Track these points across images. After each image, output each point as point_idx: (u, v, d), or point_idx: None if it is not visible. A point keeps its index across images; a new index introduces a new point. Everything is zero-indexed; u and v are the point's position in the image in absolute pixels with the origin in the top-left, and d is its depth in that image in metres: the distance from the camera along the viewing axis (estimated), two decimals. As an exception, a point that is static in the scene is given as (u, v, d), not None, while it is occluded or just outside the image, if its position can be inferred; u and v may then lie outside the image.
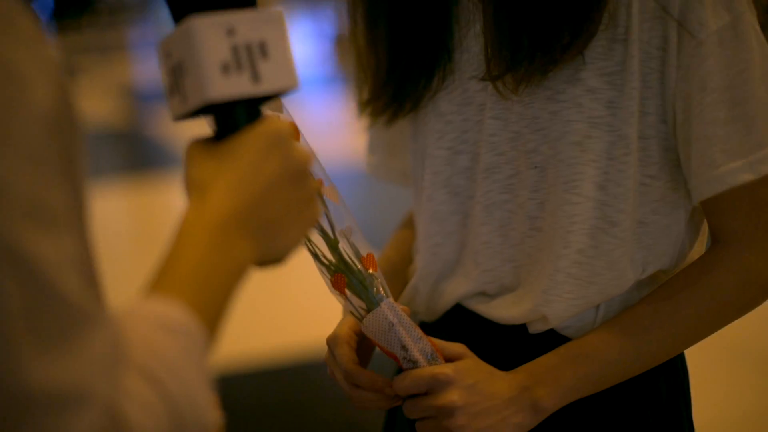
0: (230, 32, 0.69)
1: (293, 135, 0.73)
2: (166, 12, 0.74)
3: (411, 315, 1.03)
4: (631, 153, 0.98)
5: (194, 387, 0.60)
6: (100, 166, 6.40)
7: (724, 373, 3.04)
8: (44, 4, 13.53)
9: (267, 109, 0.79)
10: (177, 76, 0.70)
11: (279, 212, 0.70)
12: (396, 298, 1.18)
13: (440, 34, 1.08)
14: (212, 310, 0.65)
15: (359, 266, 0.98)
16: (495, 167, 1.05)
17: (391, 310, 0.98)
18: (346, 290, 0.98)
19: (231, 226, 0.67)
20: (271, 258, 0.72)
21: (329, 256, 0.98)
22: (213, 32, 0.68)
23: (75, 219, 0.54)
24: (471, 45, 1.06)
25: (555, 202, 1.01)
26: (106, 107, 8.74)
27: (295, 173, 0.71)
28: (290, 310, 3.92)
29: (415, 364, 0.99)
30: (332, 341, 1.05)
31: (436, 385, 0.97)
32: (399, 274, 1.21)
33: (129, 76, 11.30)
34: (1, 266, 0.49)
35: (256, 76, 0.70)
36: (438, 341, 1.01)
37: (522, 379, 1.00)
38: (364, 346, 1.08)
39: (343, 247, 0.98)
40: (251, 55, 0.70)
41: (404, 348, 0.98)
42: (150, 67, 10.81)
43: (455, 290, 1.11)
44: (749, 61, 0.95)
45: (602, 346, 1.01)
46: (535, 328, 1.05)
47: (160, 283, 0.64)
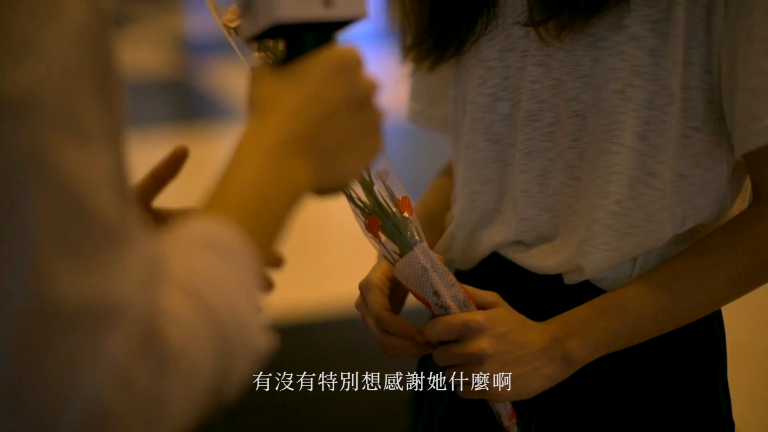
0: None
1: (362, 63, 0.72)
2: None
3: (446, 263, 1.02)
4: (674, 103, 0.97)
5: (242, 308, 0.59)
6: (149, 115, 6.44)
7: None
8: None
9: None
10: None
11: (340, 139, 0.69)
12: (432, 246, 1.17)
13: None
14: (265, 233, 0.64)
15: (394, 209, 0.98)
16: (536, 115, 1.04)
17: (425, 255, 0.98)
18: (380, 233, 0.98)
19: (289, 148, 0.66)
20: (330, 186, 0.71)
21: (364, 198, 0.97)
22: None
23: (110, 137, 0.53)
24: None
25: (594, 151, 1.00)
26: (158, 57, 8.76)
27: (360, 100, 0.70)
28: (317, 265, 3.93)
29: (446, 311, 0.98)
30: (364, 287, 1.05)
31: (467, 332, 0.97)
32: (436, 221, 1.20)
33: (181, 27, 11.32)
34: (32, 179, 0.48)
35: (327, 0, 0.70)
36: (471, 289, 1.00)
37: (554, 329, 0.99)
38: (396, 293, 1.08)
39: (378, 189, 0.97)
40: None
41: (436, 294, 0.98)
42: (203, 17, 10.81)
43: (492, 238, 1.10)
44: None
45: (637, 299, 1.00)
46: (570, 279, 1.04)
47: (211, 203, 0.63)
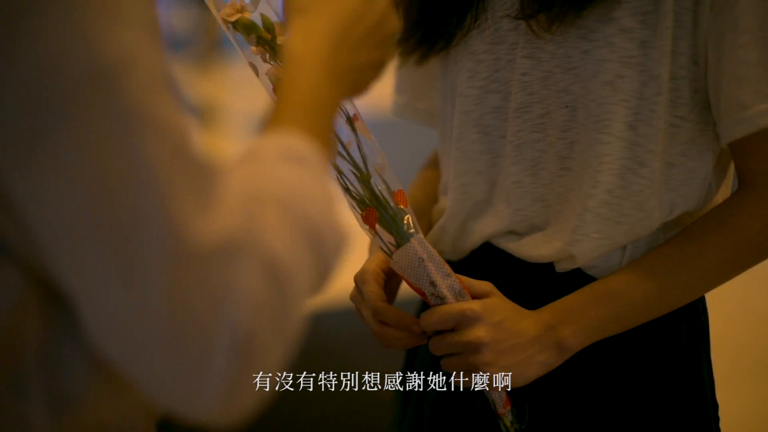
0: None
1: None
2: None
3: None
4: (662, 93, 0.99)
5: (328, 209, 0.64)
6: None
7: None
8: None
9: None
10: None
11: (369, 47, 0.75)
12: (422, 238, 1.18)
13: None
14: (326, 138, 0.69)
15: (391, 201, 0.99)
16: (526, 106, 1.05)
17: (421, 246, 0.99)
18: (377, 225, 0.99)
19: (336, 54, 0.72)
20: (357, 93, 0.78)
21: (361, 190, 0.98)
22: None
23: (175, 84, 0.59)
24: None
25: (585, 141, 1.01)
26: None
27: (383, 14, 0.77)
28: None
29: (442, 301, 1.00)
30: (360, 278, 1.06)
31: (464, 321, 0.98)
32: (424, 214, 1.21)
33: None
34: (147, 132, 0.53)
35: None
36: (465, 278, 1.02)
37: (547, 317, 1.01)
38: (390, 284, 1.09)
39: (375, 182, 0.98)
40: None
41: (433, 284, 0.99)
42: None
43: (484, 229, 1.11)
44: None
45: (627, 286, 1.02)
46: (562, 267, 1.06)
47: (279, 114, 0.68)
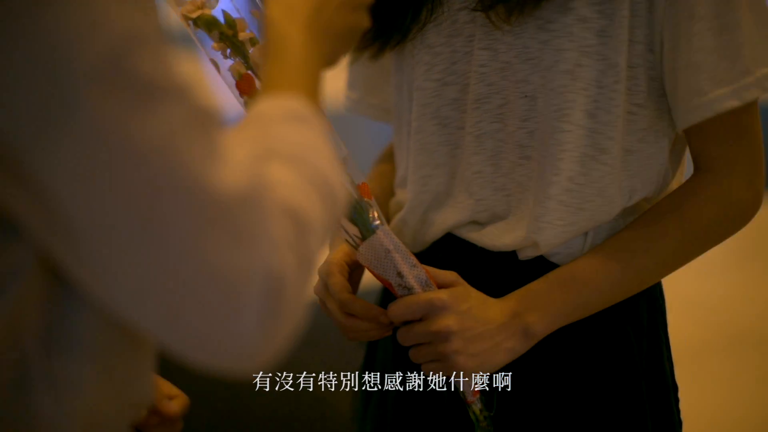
0: None
1: None
2: None
3: None
4: (621, 81, 1.00)
5: (333, 164, 0.69)
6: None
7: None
8: None
9: None
10: None
11: (343, 16, 0.82)
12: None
13: None
14: (318, 101, 0.74)
15: (355, 194, 0.99)
16: (484, 98, 1.06)
17: (387, 237, 0.99)
18: (342, 218, 0.99)
19: (316, 24, 0.78)
20: (334, 60, 0.83)
21: None
22: None
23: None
24: None
25: (545, 130, 1.03)
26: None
27: None
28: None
29: (409, 291, 1.00)
30: (324, 271, 1.06)
31: (432, 311, 0.99)
32: (382, 208, 1.21)
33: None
34: (166, 101, 0.56)
35: None
36: (430, 269, 1.02)
37: (513, 305, 1.02)
38: (353, 277, 1.09)
39: None
40: None
41: (400, 275, 0.99)
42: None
43: (446, 220, 1.12)
44: None
45: (590, 271, 1.03)
46: (525, 255, 1.07)
47: (274, 80, 0.74)
